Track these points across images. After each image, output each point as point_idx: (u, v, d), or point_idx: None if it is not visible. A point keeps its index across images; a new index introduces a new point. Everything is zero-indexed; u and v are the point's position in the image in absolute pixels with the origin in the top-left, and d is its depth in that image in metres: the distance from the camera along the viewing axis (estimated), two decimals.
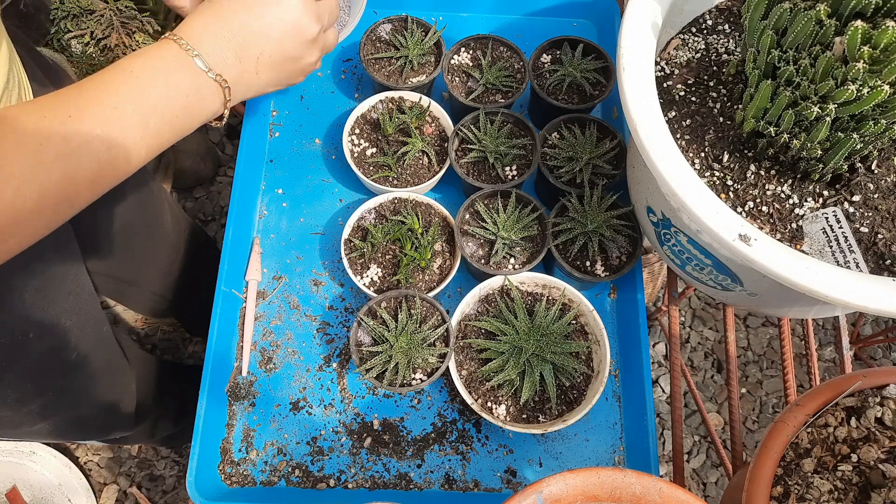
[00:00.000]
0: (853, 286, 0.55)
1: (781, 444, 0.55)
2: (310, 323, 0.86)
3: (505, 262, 0.82)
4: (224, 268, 0.85)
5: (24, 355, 0.71)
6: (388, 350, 0.75)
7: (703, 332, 1.58)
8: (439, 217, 0.86)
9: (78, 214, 0.79)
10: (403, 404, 0.82)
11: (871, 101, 0.55)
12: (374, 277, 0.82)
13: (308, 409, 0.82)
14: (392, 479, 0.79)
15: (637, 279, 0.84)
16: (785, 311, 0.75)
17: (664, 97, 0.72)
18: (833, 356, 1.56)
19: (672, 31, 0.77)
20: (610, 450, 0.81)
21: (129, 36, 1.21)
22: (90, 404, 0.89)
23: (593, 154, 0.85)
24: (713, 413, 1.50)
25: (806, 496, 0.53)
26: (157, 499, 1.40)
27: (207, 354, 0.81)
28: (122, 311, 1.54)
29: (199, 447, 0.76)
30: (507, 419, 0.76)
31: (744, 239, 0.56)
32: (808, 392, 0.59)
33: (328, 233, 0.91)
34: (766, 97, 0.61)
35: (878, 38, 0.54)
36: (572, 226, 0.81)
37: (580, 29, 1.06)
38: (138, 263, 1.03)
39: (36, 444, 1.32)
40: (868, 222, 0.64)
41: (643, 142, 0.61)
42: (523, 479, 0.80)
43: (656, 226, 0.74)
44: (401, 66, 0.93)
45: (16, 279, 0.67)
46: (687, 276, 0.75)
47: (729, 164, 0.68)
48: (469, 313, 0.81)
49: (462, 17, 1.06)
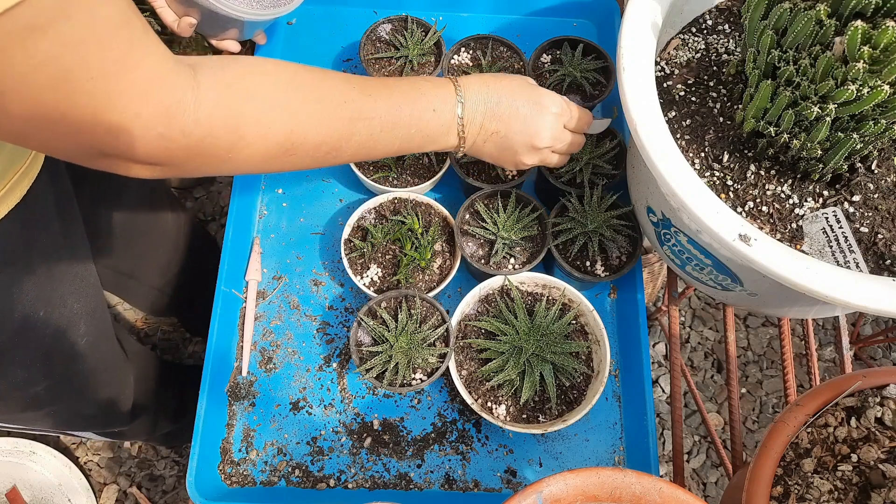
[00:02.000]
0: (853, 286, 0.55)
1: (781, 444, 0.55)
2: (310, 323, 0.86)
3: (505, 262, 0.82)
4: (224, 268, 0.85)
5: (34, 335, 0.72)
6: (388, 350, 0.75)
7: (703, 332, 1.58)
8: (439, 217, 0.86)
9: (80, 204, 0.79)
10: (403, 404, 0.82)
11: (871, 101, 0.55)
12: (374, 277, 0.82)
13: (308, 409, 0.82)
14: (392, 479, 0.79)
15: (637, 279, 0.84)
16: (785, 311, 0.75)
17: (664, 97, 0.72)
18: (833, 356, 1.56)
19: (672, 31, 0.77)
20: (610, 450, 0.81)
21: None
22: (91, 394, 0.90)
23: (593, 154, 0.85)
24: (713, 413, 1.50)
25: (806, 496, 0.53)
26: (157, 499, 1.40)
27: (207, 354, 0.81)
28: (123, 311, 1.54)
29: (199, 447, 0.76)
30: (507, 419, 0.76)
31: (744, 239, 0.57)
32: (808, 392, 0.59)
33: (328, 233, 0.91)
34: (766, 97, 0.61)
35: (878, 38, 0.54)
36: (572, 226, 0.81)
37: (580, 29, 1.06)
38: (138, 256, 1.04)
39: (36, 444, 1.32)
40: (868, 222, 0.64)
41: (643, 142, 0.61)
42: (523, 479, 0.80)
43: (656, 226, 0.74)
44: (401, 66, 0.93)
45: (31, 255, 0.68)
46: (687, 276, 0.75)
47: (729, 164, 0.68)
48: (469, 313, 0.81)
49: (462, 17, 1.06)
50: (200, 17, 0.85)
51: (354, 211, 0.84)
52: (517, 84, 0.71)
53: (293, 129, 0.56)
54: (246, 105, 0.52)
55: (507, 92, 0.70)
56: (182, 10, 0.84)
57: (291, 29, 1.05)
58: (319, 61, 1.02)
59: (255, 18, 0.85)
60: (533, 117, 0.71)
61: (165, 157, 0.49)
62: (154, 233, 1.04)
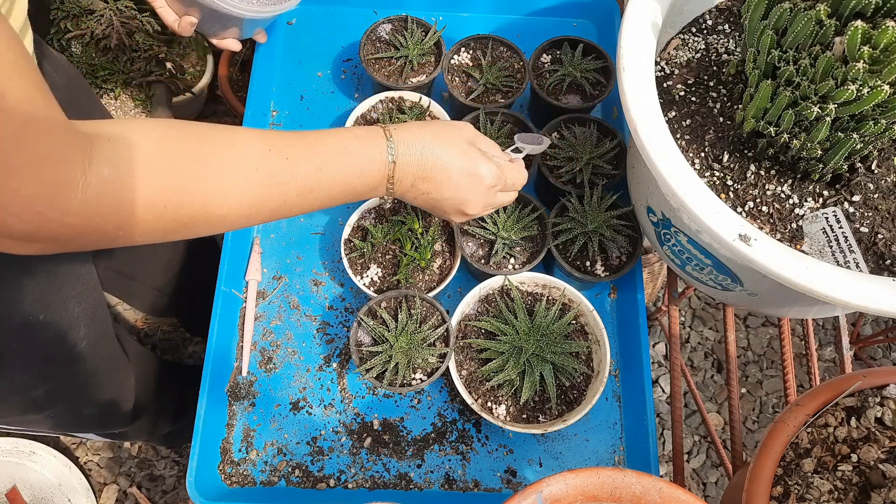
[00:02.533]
0: (853, 286, 0.55)
1: (781, 444, 0.55)
2: (310, 323, 0.86)
3: (505, 262, 0.82)
4: (224, 268, 0.85)
5: (34, 338, 0.72)
6: (388, 350, 0.75)
7: (703, 332, 1.58)
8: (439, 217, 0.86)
9: None
10: (403, 404, 0.82)
11: (871, 101, 0.55)
12: (374, 277, 0.82)
13: (308, 409, 0.82)
14: (392, 479, 0.79)
15: (637, 279, 0.84)
16: (785, 311, 0.75)
17: (664, 97, 0.72)
18: (833, 356, 1.56)
19: (672, 31, 0.77)
20: (610, 450, 0.81)
21: (129, 36, 1.21)
22: (91, 395, 0.90)
23: (593, 154, 0.85)
24: (713, 413, 1.50)
25: (806, 496, 0.53)
26: (157, 499, 1.40)
27: (207, 354, 0.81)
28: (123, 311, 1.54)
29: (199, 447, 0.76)
30: (507, 419, 0.76)
31: (744, 239, 0.56)
32: (808, 392, 0.58)
33: (328, 233, 0.91)
34: (766, 97, 0.61)
35: (878, 38, 0.53)
36: (572, 226, 0.81)
37: (580, 29, 1.06)
38: (138, 257, 1.04)
39: (36, 444, 1.32)
40: (868, 222, 0.64)
41: (643, 142, 0.61)
42: (523, 479, 0.80)
43: (656, 226, 0.74)
44: (401, 66, 0.93)
45: (30, 261, 0.67)
46: (687, 276, 0.75)
47: (729, 164, 0.68)
48: (469, 313, 0.81)
49: (462, 17, 1.06)
50: (201, 16, 0.85)
51: (354, 211, 0.84)
52: (455, 145, 0.66)
53: (192, 204, 0.51)
54: (138, 184, 0.48)
55: (443, 155, 0.65)
56: (182, 9, 0.84)
57: (291, 29, 1.05)
58: (319, 61, 1.02)
59: (256, 16, 0.85)
60: (466, 188, 0.67)
61: (46, 235, 0.46)
62: None
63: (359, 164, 0.61)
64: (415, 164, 0.64)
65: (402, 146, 0.63)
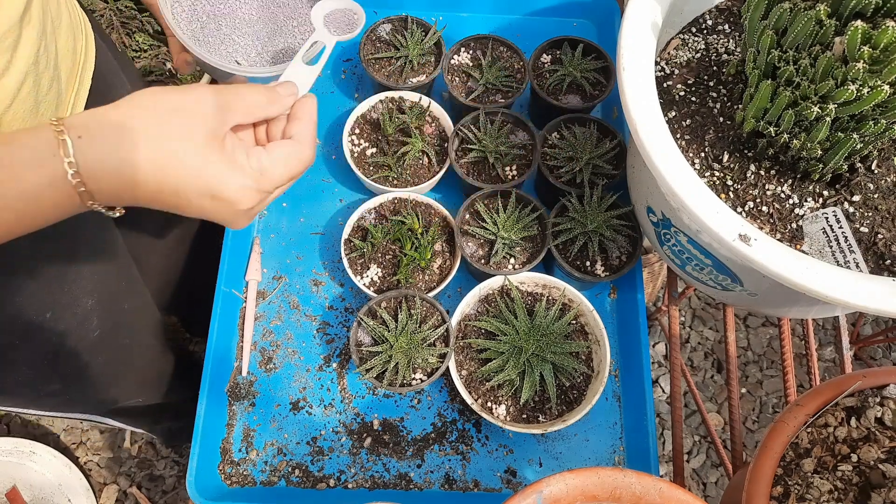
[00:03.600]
0: (853, 286, 0.55)
1: (781, 444, 0.55)
2: (310, 323, 0.86)
3: (505, 262, 0.82)
4: (224, 268, 0.85)
5: (40, 337, 0.72)
6: (388, 350, 0.75)
7: (703, 332, 1.58)
8: (439, 217, 0.86)
9: None
10: (403, 404, 0.82)
11: (871, 101, 0.55)
12: (374, 277, 0.82)
13: (308, 409, 0.82)
14: (392, 479, 0.79)
15: (637, 279, 0.84)
16: (785, 311, 0.75)
17: (664, 97, 0.72)
18: (833, 356, 1.56)
19: (672, 31, 0.77)
20: (610, 450, 0.81)
21: (129, 36, 1.21)
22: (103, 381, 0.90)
23: (593, 154, 0.85)
24: (713, 413, 1.50)
25: (806, 496, 0.53)
26: (157, 499, 1.40)
27: (207, 354, 0.81)
28: None
29: (199, 447, 0.76)
30: (507, 419, 0.76)
31: (744, 239, 0.56)
32: (808, 392, 0.59)
33: (328, 233, 0.91)
34: (766, 97, 0.61)
35: (878, 38, 0.53)
36: (572, 226, 0.81)
37: (580, 29, 1.06)
38: (138, 257, 1.03)
39: (36, 444, 1.31)
40: (868, 222, 0.64)
41: (643, 142, 0.61)
42: (523, 479, 0.80)
43: (656, 226, 0.74)
44: (401, 66, 0.93)
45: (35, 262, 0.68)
46: (687, 276, 0.75)
47: (729, 164, 0.68)
48: (469, 313, 0.81)
49: (462, 17, 1.06)
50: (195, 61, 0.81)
51: (354, 211, 0.84)
52: (184, 153, 0.46)
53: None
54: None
55: (168, 171, 0.46)
56: (179, 47, 0.80)
57: None
58: None
59: (254, 75, 0.74)
60: (214, 212, 0.50)
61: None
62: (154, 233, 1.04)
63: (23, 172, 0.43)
64: (113, 186, 0.45)
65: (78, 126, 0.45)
